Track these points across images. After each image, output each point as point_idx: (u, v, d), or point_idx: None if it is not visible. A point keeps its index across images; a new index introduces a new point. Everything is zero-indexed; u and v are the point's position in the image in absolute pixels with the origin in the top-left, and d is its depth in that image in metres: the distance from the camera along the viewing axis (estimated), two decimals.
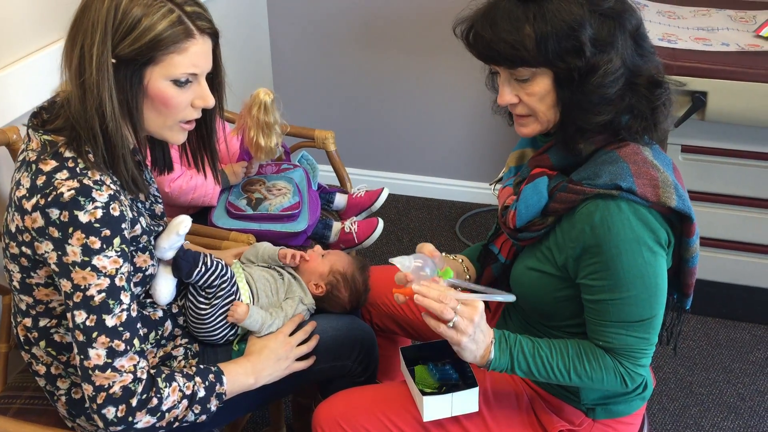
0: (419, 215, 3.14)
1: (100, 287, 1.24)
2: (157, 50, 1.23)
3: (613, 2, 1.25)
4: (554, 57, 1.23)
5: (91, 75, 1.21)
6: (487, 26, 1.26)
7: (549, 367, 1.31)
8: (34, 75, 1.75)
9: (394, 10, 2.93)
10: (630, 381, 1.32)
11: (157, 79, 1.26)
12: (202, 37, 1.28)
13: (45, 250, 1.25)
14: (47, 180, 1.23)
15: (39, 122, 1.33)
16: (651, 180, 1.25)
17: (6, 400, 1.55)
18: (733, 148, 2.26)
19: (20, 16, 1.73)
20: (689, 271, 1.36)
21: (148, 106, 1.29)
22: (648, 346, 1.31)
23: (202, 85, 1.31)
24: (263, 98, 1.95)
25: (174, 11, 1.24)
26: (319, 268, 1.68)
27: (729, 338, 2.50)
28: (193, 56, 1.27)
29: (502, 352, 1.30)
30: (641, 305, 1.27)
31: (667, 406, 2.26)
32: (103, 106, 1.23)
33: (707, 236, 2.39)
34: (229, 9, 2.76)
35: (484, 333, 1.29)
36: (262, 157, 2.02)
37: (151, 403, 1.28)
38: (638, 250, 1.24)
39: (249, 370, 1.44)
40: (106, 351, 1.24)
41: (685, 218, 1.28)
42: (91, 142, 1.25)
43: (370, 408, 1.46)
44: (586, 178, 1.27)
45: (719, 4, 2.52)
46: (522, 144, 1.49)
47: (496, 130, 3.04)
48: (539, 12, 1.22)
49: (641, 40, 1.30)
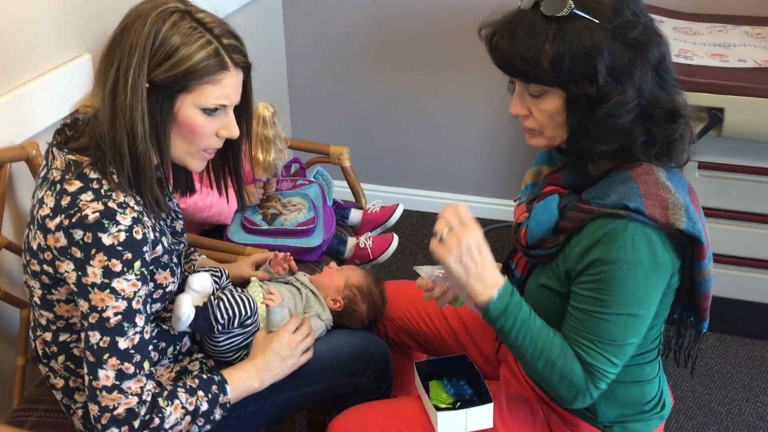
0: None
1: (117, 309, 1.25)
2: (191, 80, 1.25)
3: (638, 33, 1.22)
4: (567, 79, 1.22)
5: (126, 98, 1.23)
6: (507, 37, 1.24)
7: (529, 341, 1.27)
8: (54, 91, 1.78)
9: (410, 26, 2.95)
10: (581, 399, 1.29)
11: (188, 107, 1.28)
12: (236, 70, 1.30)
13: (65, 269, 1.25)
14: (72, 201, 1.24)
15: (63, 139, 1.34)
16: (660, 201, 1.23)
17: (23, 413, 1.56)
18: (751, 165, 2.24)
19: (40, 32, 1.76)
20: (703, 295, 1.33)
21: (176, 132, 1.30)
22: (611, 371, 1.28)
23: (229, 116, 1.33)
24: (262, 112, 1.96)
25: (212, 43, 1.26)
26: (335, 282, 1.69)
27: (748, 356, 2.48)
28: (225, 88, 1.29)
29: (501, 299, 1.27)
30: (619, 326, 1.25)
31: (685, 425, 2.24)
32: (134, 129, 1.24)
33: (725, 253, 2.37)
34: (244, 24, 2.77)
35: (477, 263, 1.25)
36: (260, 172, 2.01)
37: (153, 423, 1.28)
38: (633, 272, 1.22)
39: (253, 374, 1.44)
40: (116, 373, 1.25)
41: (695, 241, 1.25)
42: (117, 162, 1.26)
43: (384, 423, 1.46)
44: (596, 197, 1.26)
45: (736, 20, 2.51)
46: (539, 161, 1.48)
47: (511, 147, 3.04)
48: (560, 31, 1.20)
49: (664, 72, 1.26)
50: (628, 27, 1.21)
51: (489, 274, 1.27)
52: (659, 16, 2.51)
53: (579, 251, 1.27)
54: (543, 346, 1.28)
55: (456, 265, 1.25)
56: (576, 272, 1.28)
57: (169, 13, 1.25)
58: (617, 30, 1.20)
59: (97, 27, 1.89)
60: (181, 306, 1.42)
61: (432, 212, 3.24)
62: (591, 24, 1.20)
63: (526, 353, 1.29)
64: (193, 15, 1.27)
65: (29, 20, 1.72)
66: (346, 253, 2.14)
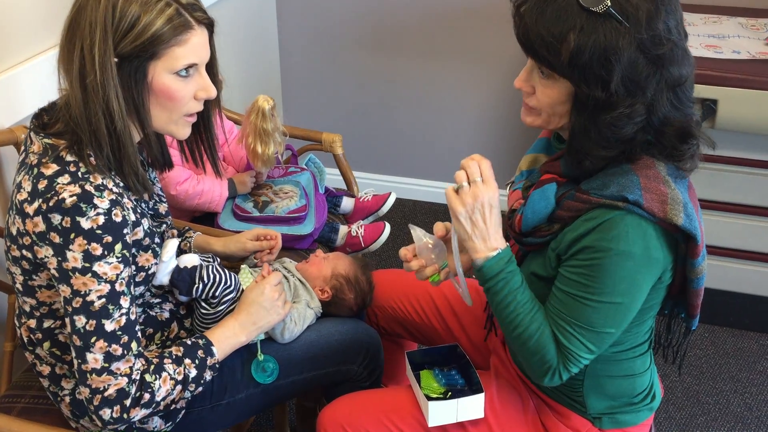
0: (426, 219, 3.13)
1: (100, 293, 1.24)
2: (158, 45, 1.23)
3: (667, 50, 1.18)
4: (580, 76, 1.19)
5: (95, 76, 1.21)
6: (535, 13, 1.19)
7: (512, 309, 1.28)
8: (42, 75, 1.75)
9: (403, 14, 2.93)
10: (549, 377, 1.29)
11: (160, 73, 1.26)
12: (200, 28, 1.29)
13: (45, 255, 1.24)
14: (48, 184, 1.23)
15: (40, 124, 1.33)
16: (660, 195, 1.22)
17: (10, 399, 1.55)
18: (743, 157, 2.24)
19: (29, 15, 1.74)
20: (694, 293, 1.32)
21: (154, 102, 1.29)
22: (585, 356, 1.28)
23: (203, 76, 1.32)
24: (261, 104, 1.94)
25: (171, 5, 1.24)
26: (322, 272, 1.69)
27: (736, 347, 2.49)
28: (193, 47, 1.27)
29: (497, 262, 1.28)
30: (601, 314, 1.25)
31: (674, 416, 2.25)
32: (110, 107, 1.23)
33: (716, 245, 2.38)
34: (237, 12, 2.76)
35: (488, 226, 1.27)
36: (258, 165, 2.00)
37: (144, 399, 1.29)
38: (623, 263, 1.22)
39: (237, 330, 1.44)
40: (104, 355, 1.25)
41: (690, 238, 1.24)
42: (94, 144, 1.25)
43: (375, 412, 1.46)
44: (595, 188, 1.25)
45: (730, 11, 2.51)
46: (536, 148, 1.46)
47: (504, 135, 3.04)
48: (589, 25, 1.16)
49: (682, 93, 1.23)
50: (657, 42, 1.17)
51: (493, 234, 1.28)
52: None
53: (571, 238, 1.26)
54: (523, 318, 1.28)
55: (465, 218, 1.27)
56: (566, 255, 1.27)
57: None
58: (645, 42, 1.16)
59: None
60: (166, 246, 1.41)
61: (424, 201, 3.23)
62: (621, 27, 1.16)
63: (506, 319, 1.30)
64: None
65: (18, 3, 1.70)
66: (338, 241, 2.14)
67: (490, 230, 1.28)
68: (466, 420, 1.40)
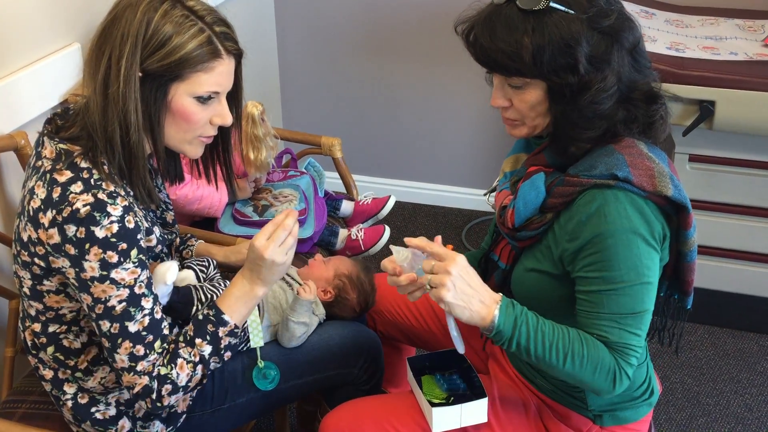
0: (425, 223, 3.14)
1: (120, 297, 1.25)
2: (184, 68, 1.25)
3: (613, 20, 1.25)
4: (549, 71, 1.24)
5: (118, 87, 1.22)
6: (486, 33, 1.26)
7: (549, 345, 1.26)
8: (43, 80, 1.76)
9: (401, 18, 2.94)
10: (619, 382, 1.28)
11: (181, 95, 1.27)
12: (228, 58, 1.30)
13: (62, 265, 1.25)
14: (62, 193, 1.23)
15: (53, 128, 1.33)
16: (647, 170, 1.26)
17: (11, 405, 1.55)
18: (741, 158, 2.25)
19: (30, 21, 1.74)
20: (688, 267, 1.35)
21: (170, 121, 1.30)
22: (639, 343, 1.29)
23: (222, 104, 1.33)
24: (250, 111, 1.94)
25: (204, 31, 1.25)
26: (324, 274, 1.69)
27: (736, 348, 2.49)
28: (218, 76, 1.28)
29: (507, 317, 1.26)
30: (635, 297, 1.26)
31: (674, 417, 2.25)
32: (128, 119, 1.23)
33: (715, 245, 2.38)
34: (236, 15, 2.75)
35: (474, 288, 1.25)
36: (252, 171, 2.00)
37: (167, 389, 1.30)
38: (634, 240, 1.24)
39: (247, 288, 1.36)
40: (128, 356, 1.28)
41: (681, 209, 1.28)
42: (108, 152, 1.26)
43: (378, 419, 1.45)
44: (583, 170, 1.28)
45: (728, 13, 2.51)
46: (516, 149, 1.50)
47: (503, 138, 3.04)
48: (538, 25, 1.22)
49: (638, 55, 1.30)
50: (603, 15, 1.24)
51: (483, 291, 1.27)
52: (651, 9, 2.51)
53: (571, 228, 1.27)
54: (564, 345, 1.26)
55: (453, 296, 1.24)
56: (572, 253, 1.28)
57: (160, 2, 1.24)
58: (593, 19, 1.23)
59: (86, 16, 1.87)
60: (170, 269, 1.37)
61: (423, 204, 3.23)
62: (567, 15, 1.22)
63: (552, 359, 1.26)
64: (183, 3, 1.26)
65: (18, 9, 1.70)
66: (338, 245, 2.14)
67: (479, 289, 1.26)
68: (470, 425, 1.40)
